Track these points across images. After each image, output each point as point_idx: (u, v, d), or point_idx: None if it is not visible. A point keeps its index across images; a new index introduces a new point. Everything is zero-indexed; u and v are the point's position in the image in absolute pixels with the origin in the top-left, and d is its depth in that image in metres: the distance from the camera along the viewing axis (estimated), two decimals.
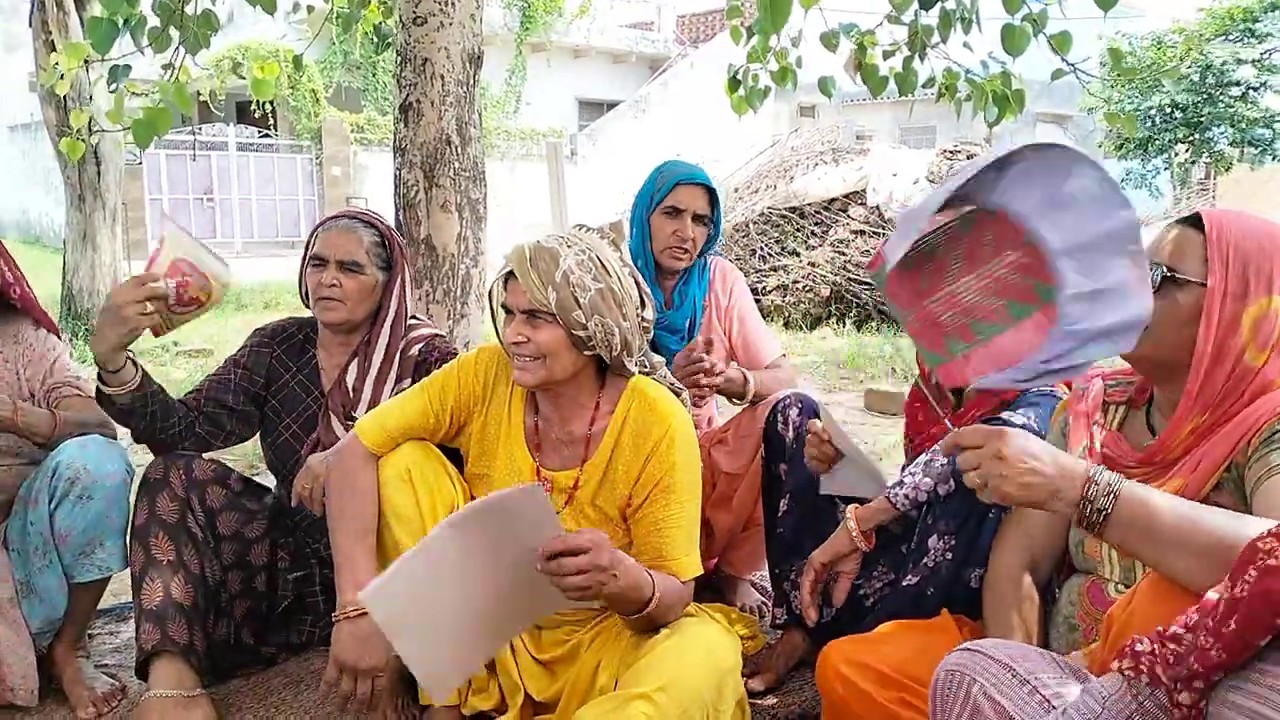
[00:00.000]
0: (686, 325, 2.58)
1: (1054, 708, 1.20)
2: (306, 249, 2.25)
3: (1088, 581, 1.55)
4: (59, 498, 2.04)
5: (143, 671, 2.01)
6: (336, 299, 2.18)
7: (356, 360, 2.25)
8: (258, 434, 2.36)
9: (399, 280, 2.27)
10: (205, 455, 2.20)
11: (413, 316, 2.36)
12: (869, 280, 8.65)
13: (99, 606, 2.30)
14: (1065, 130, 21.70)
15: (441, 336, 2.36)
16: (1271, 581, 0.98)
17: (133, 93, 3.75)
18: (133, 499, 2.12)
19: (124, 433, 2.18)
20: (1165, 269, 1.42)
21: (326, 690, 1.77)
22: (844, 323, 8.69)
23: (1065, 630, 1.57)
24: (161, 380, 2.26)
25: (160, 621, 1.98)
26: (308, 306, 2.26)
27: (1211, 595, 1.04)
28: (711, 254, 2.72)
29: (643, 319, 1.82)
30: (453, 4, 3.35)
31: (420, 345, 2.29)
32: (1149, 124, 17.61)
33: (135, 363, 2.03)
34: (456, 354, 2.19)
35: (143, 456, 2.60)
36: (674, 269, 2.57)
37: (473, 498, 1.93)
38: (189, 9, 3.34)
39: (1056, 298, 1.27)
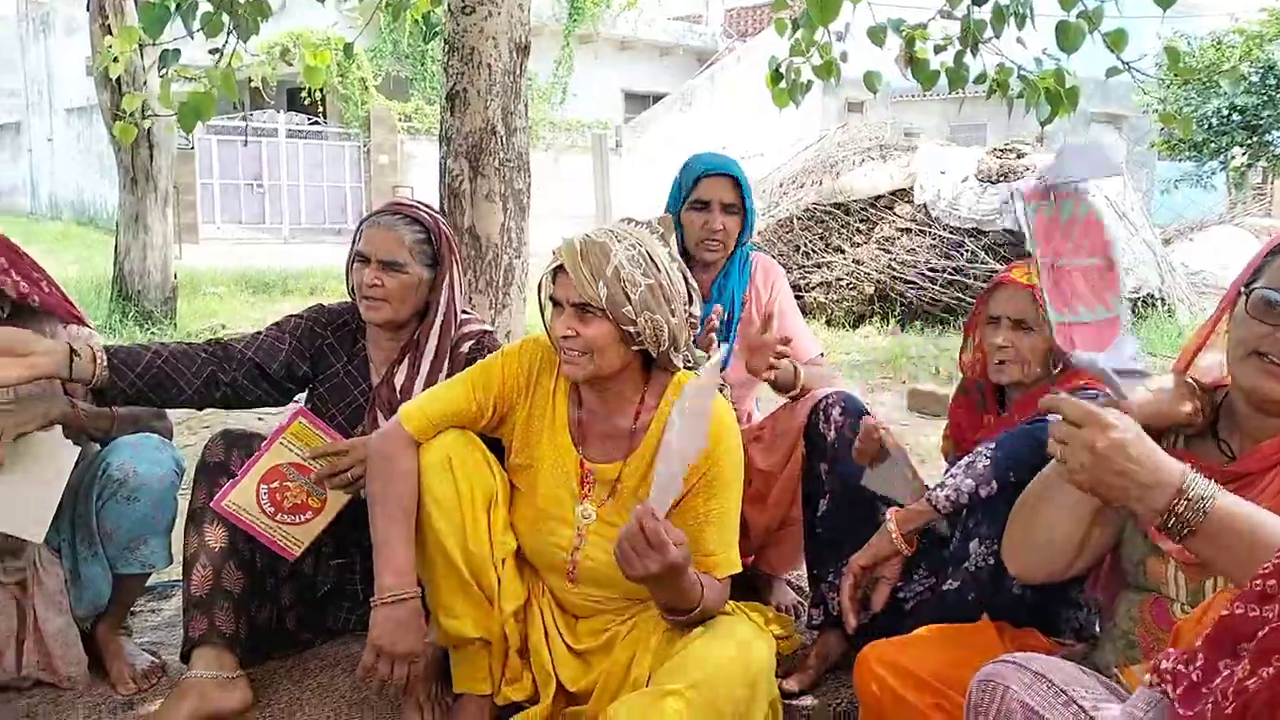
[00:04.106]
0: (725, 320, 2.57)
1: (1091, 719, 1.17)
2: (354, 242, 2.24)
3: (1150, 599, 1.51)
4: (106, 497, 2.06)
5: (186, 656, 2.03)
6: (379, 298, 2.16)
7: (406, 360, 2.22)
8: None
9: (447, 277, 2.23)
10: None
11: (463, 311, 2.32)
12: (914, 279, 8.56)
13: None
14: (1120, 131, 21.33)
15: (491, 333, 2.32)
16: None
17: (184, 77, 3.79)
18: (182, 489, 2.13)
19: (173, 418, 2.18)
20: None
21: (363, 674, 1.79)
22: (887, 321, 8.59)
23: (1123, 647, 1.52)
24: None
25: (208, 611, 2.00)
26: (354, 300, 2.25)
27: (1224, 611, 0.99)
28: (753, 249, 2.70)
29: (690, 314, 1.81)
30: None
31: (471, 343, 2.26)
32: (1206, 127, 17.21)
33: (96, 356, 1.93)
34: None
35: (187, 437, 2.64)
36: (709, 261, 2.57)
37: (513, 488, 1.94)
38: None
39: (1119, 313, 1.42)
